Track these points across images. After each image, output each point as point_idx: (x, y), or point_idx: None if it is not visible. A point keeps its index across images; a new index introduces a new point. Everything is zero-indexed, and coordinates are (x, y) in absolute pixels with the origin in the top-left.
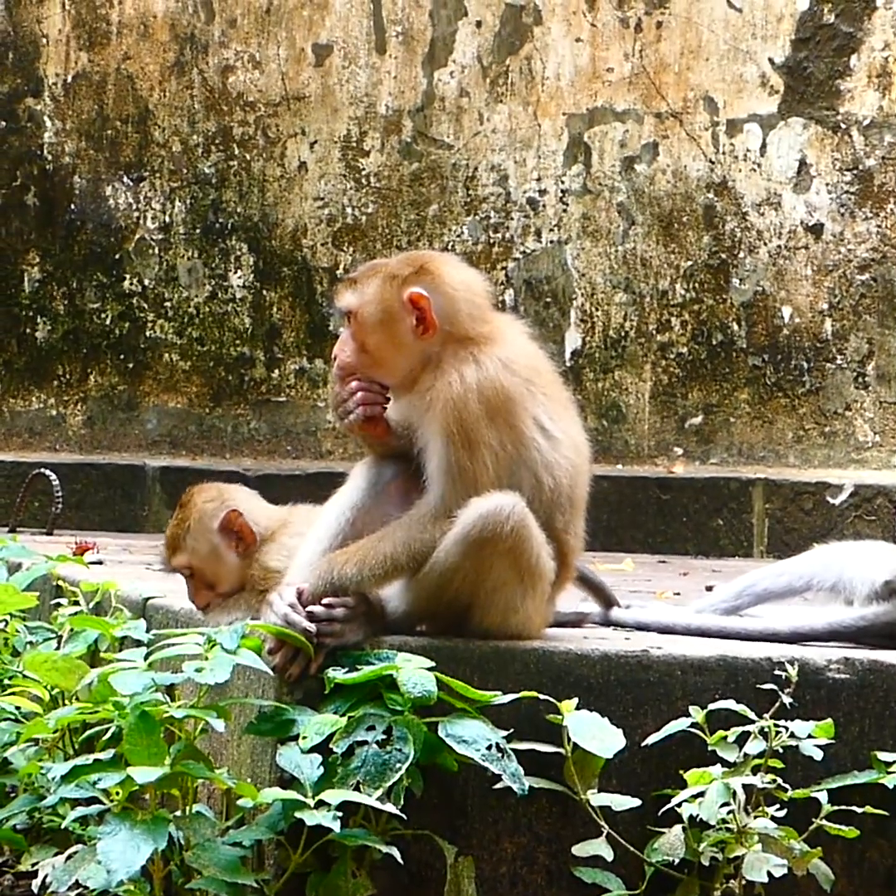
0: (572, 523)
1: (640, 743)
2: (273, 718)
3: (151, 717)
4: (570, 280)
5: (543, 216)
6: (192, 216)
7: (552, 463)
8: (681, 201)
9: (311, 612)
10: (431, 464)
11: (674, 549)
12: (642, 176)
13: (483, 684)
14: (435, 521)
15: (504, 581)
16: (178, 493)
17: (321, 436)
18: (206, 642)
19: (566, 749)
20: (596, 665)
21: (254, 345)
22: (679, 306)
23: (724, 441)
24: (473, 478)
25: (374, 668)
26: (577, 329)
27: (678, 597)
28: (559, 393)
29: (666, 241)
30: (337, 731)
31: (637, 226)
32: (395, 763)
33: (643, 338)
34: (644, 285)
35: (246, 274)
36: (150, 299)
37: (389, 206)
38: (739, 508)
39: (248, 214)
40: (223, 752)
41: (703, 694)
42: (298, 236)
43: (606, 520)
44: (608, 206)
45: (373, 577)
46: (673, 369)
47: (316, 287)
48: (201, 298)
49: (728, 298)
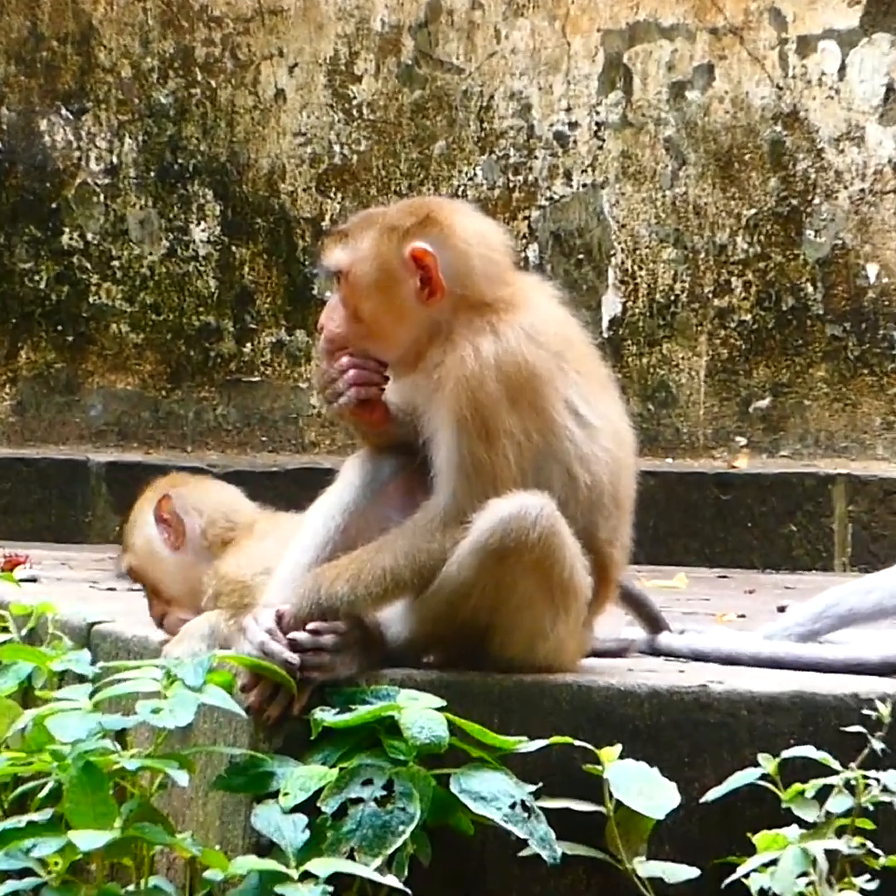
0: (615, 530)
1: (699, 799)
2: (247, 771)
3: (98, 770)
4: (608, 232)
5: (574, 154)
6: (145, 156)
7: (589, 456)
8: (742, 136)
9: (293, 639)
10: (440, 457)
11: (737, 562)
12: (694, 105)
13: (505, 727)
14: (445, 528)
15: (530, 600)
16: (128, 494)
17: (304, 424)
18: (165, 677)
19: (608, 807)
20: (643, 704)
21: (221, 313)
22: (741, 264)
23: (796, 429)
24: (492, 474)
25: (372, 708)
26: (617, 292)
27: (743, 619)
28: (596, 370)
29: (724, 185)
30: (326, 787)
31: (689, 166)
32: (398, 825)
33: (697, 302)
34: (698, 238)
35: (211, 226)
36: (93, 257)
37: (386, 142)
38: (817, 511)
39: (214, 154)
40: (186, 812)
41: (775, 738)
42: (275, 180)
43: (654, 526)
44: (653, 141)
45: (369, 597)
46: (734, 341)
47: (296, 242)
48: (156, 256)
49: (800, 254)
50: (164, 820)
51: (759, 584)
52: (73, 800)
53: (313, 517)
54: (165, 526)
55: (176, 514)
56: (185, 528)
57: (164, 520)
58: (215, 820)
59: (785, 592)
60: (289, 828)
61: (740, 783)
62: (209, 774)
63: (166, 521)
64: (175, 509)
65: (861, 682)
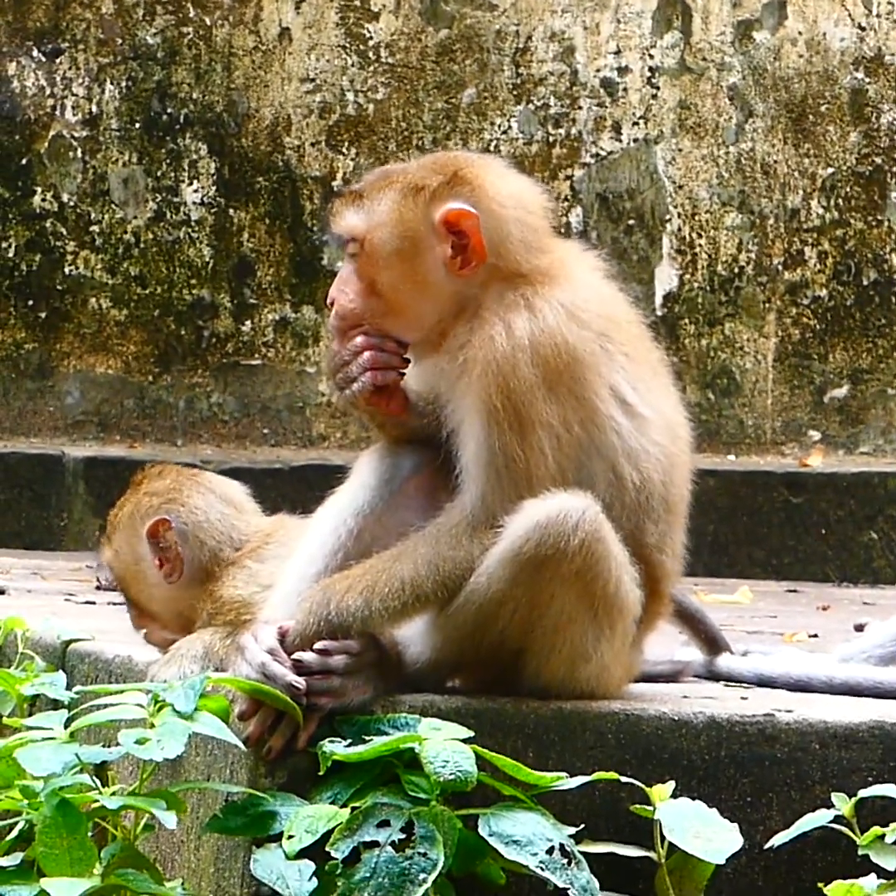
0: (668, 536)
1: (763, 844)
2: (246, 810)
3: (74, 809)
4: (663, 194)
5: (624, 104)
6: (129, 105)
7: (638, 451)
8: (818, 83)
9: (298, 660)
10: (467, 452)
11: (808, 574)
12: (763, 48)
13: (542, 762)
14: (472, 533)
15: (570, 617)
16: (109, 494)
17: (311, 414)
18: (152, 703)
19: (659, 852)
20: (700, 735)
21: (216, 286)
22: (816, 231)
23: (879, 422)
24: (526, 471)
25: (389, 739)
26: (673, 263)
27: (815, 639)
28: (646, 354)
29: (797, 140)
30: (336, 829)
31: (756, 118)
32: (418, 873)
33: (765, 276)
34: (766, 202)
35: (205, 186)
36: (69, 222)
37: (407, 90)
38: None
39: (209, 102)
40: (176, 858)
41: (852, 775)
42: (279, 133)
43: (714, 532)
44: (715, 90)
45: (386, 612)
46: (807, 320)
47: (303, 204)
48: (142, 221)
49: (885, 220)
50: (151, 866)
51: (835, 600)
52: (47, 843)
53: (322, 521)
54: (160, 554)
55: (175, 545)
56: (184, 562)
57: (160, 547)
58: (209, 866)
59: (864, 609)
60: (293, 875)
61: (811, 826)
62: (202, 814)
63: (161, 549)
64: (175, 539)
65: None
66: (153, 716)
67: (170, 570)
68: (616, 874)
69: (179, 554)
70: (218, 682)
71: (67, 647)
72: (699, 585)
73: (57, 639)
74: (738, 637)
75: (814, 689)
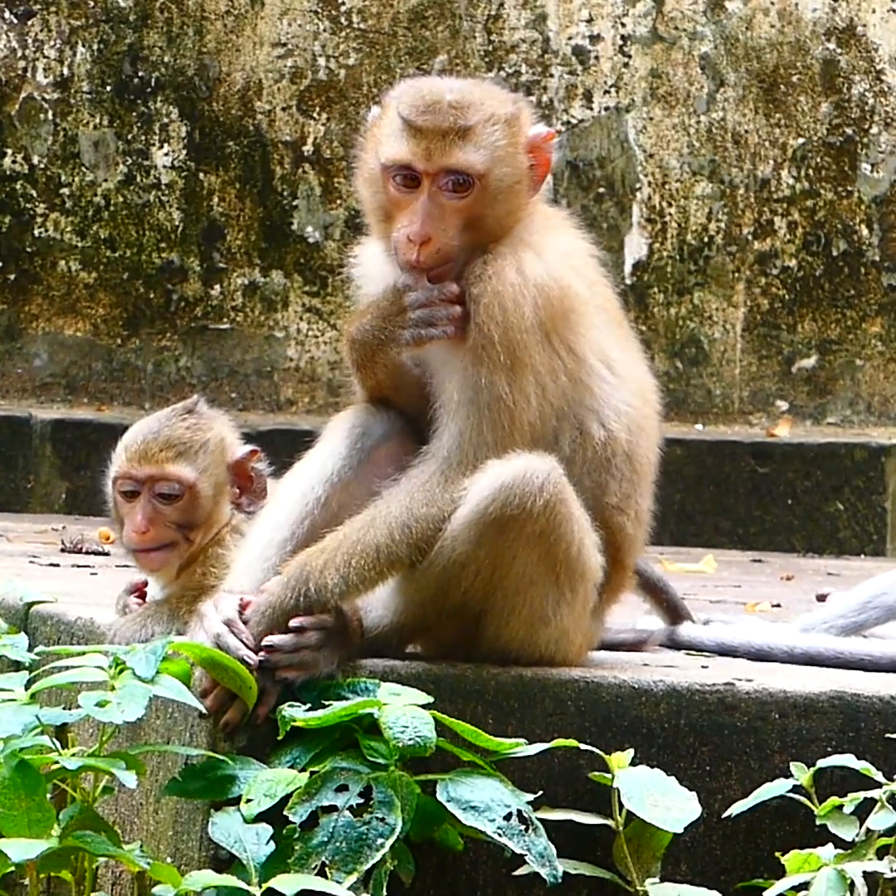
0: (632, 499)
1: (722, 813)
2: (205, 773)
3: (33, 770)
4: (633, 162)
5: (596, 73)
6: (101, 67)
7: (608, 409)
8: (790, 54)
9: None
10: (451, 386)
11: (774, 544)
12: (735, 17)
13: (501, 728)
14: (446, 484)
15: (532, 579)
16: (76, 456)
17: (279, 379)
18: (113, 666)
19: (617, 820)
20: (660, 704)
21: (186, 249)
22: (786, 201)
23: (846, 392)
24: (509, 413)
25: (348, 704)
26: (642, 232)
27: (778, 609)
28: (619, 315)
29: (768, 110)
30: (294, 793)
31: (727, 87)
32: (376, 838)
33: (735, 245)
34: (737, 171)
35: (176, 149)
36: (39, 184)
37: (378, 55)
38: (867, 487)
39: (180, 66)
40: (135, 821)
41: (811, 745)
42: (250, 97)
43: (680, 501)
44: (687, 59)
45: (363, 584)
46: (776, 290)
47: (274, 169)
48: (112, 184)
49: (855, 191)
50: (109, 828)
51: (799, 570)
52: (5, 803)
53: (289, 488)
54: (242, 482)
55: (265, 479)
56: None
57: (245, 475)
58: (168, 829)
59: (827, 580)
60: (251, 839)
61: (769, 796)
62: (162, 777)
63: (246, 478)
64: (264, 474)
65: None
66: (114, 679)
67: (249, 499)
68: (574, 841)
69: (265, 484)
70: (179, 648)
71: (30, 609)
72: (664, 554)
73: (20, 600)
74: (700, 606)
75: (775, 658)
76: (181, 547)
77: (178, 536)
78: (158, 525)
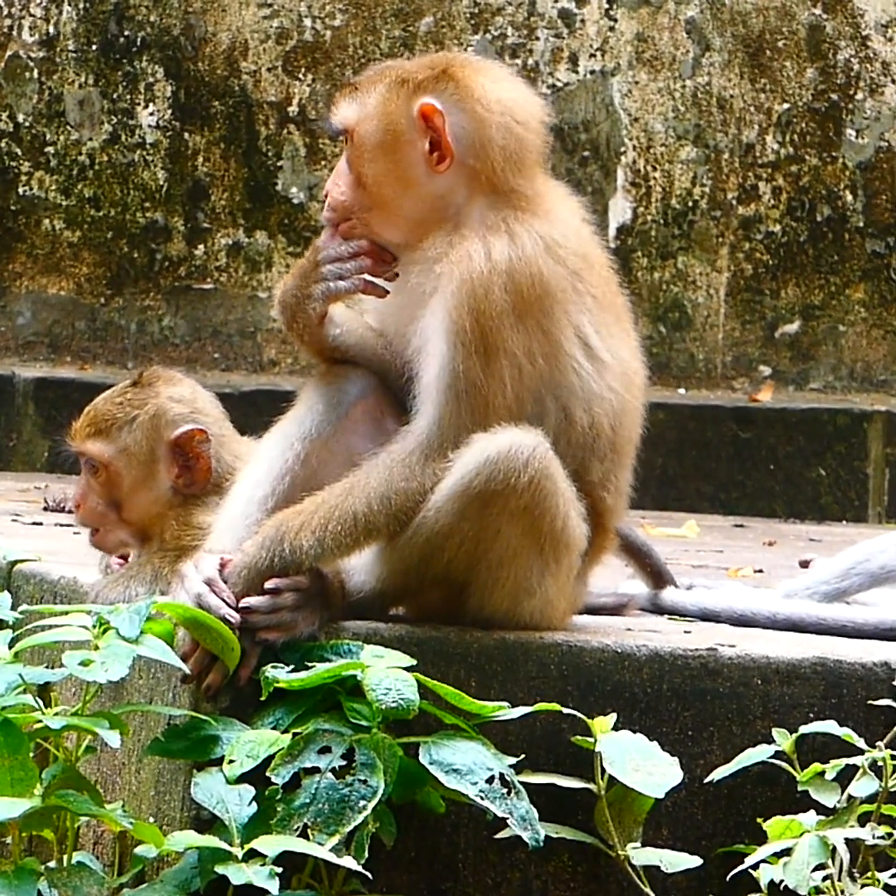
0: (612, 475)
1: (703, 778)
2: (188, 734)
3: (16, 729)
4: (618, 126)
5: (581, 36)
6: (86, 26)
7: (592, 394)
8: (776, 19)
9: (247, 607)
10: (429, 372)
11: (756, 509)
12: None
13: (484, 691)
14: (426, 462)
15: (516, 551)
16: (59, 414)
17: (262, 339)
18: (97, 625)
19: (599, 784)
20: (643, 668)
21: (170, 209)
22: (770, 166)
23: (829, 358)
24: (485, 398)
25: (331, 666)
26: (627, 196)
27: (760, 575)
28: (613, 298)
29: (753, 75)
30: (277, 754)
31: (713, 52)
32: (358, 800)
33: (719, 210)
34: (721, 136)
35: (161, 109)
36: (24, 142)
37: (364, 17)
38: (850, 453)
39: (166, 25)
40: (117, 781)
41: (793, 711)
42: (235, 58)
43: (662, 466)
44: (673, 22)
45: (338, 549)
46: (760, 255)
47: (259, 129)
48: (97, 143)
49: (839, 157)
50: (92, 788)
51: (781, 536)
52: None
53: (269, 446)
54: (180, 459)
55: (208, 461)
56: (211, 474)
57: (185, 454)
58: (150, 789)
59: (809, 545)
60: (233, 800)
61: (751, 761)
62: (144, 737)
63: (186, 456)
64: (209, 456)
65: (893, 649)
66: (97, 638)
67: (190, 479)
68: (556, 805)
69: (209, 465)
70: (162, 608)
71: (13, 568)
72: (647, 519)
73: (2, 559)
74: (683, 571)
75: (757, 624)
76: (118, 526)
77: (111, 515)
78: (89, 499)
